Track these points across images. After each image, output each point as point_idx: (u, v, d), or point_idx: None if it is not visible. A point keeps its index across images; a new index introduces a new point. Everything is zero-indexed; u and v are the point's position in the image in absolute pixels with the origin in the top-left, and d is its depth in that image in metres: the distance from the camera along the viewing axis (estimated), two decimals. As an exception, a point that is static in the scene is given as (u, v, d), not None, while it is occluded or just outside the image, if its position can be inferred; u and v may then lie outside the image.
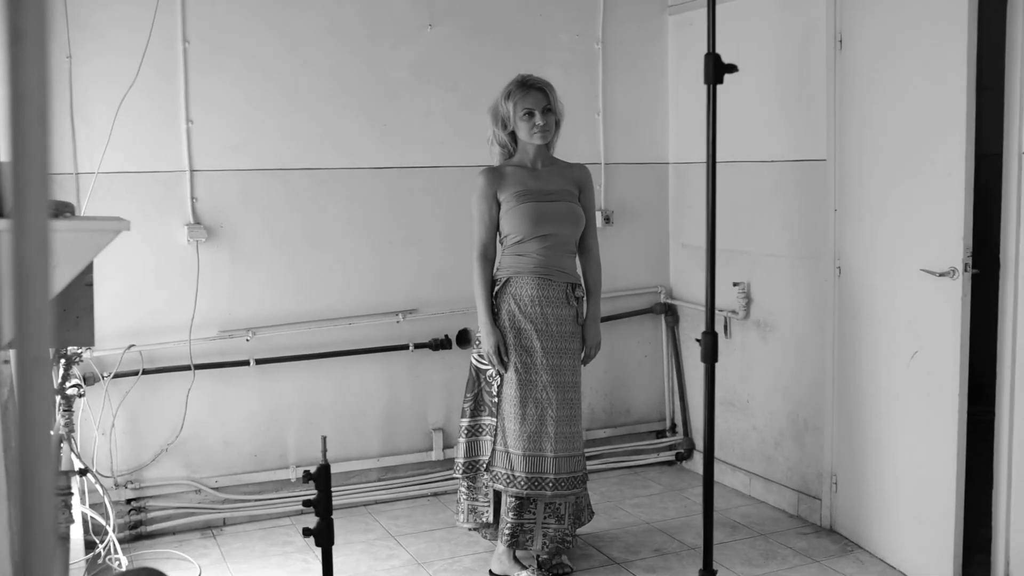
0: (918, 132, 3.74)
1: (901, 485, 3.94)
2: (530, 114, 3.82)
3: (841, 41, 4.15)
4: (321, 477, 2.41)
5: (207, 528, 4.55)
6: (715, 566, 3.96)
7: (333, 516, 4.43)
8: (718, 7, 4.65)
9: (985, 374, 3.67)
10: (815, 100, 4.32)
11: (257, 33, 4.52)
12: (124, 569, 3.82)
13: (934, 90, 3.64)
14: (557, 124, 3.93)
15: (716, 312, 4.87)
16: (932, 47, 3.64)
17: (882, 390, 4.02)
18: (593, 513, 4.16)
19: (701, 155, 4.80)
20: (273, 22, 4.54)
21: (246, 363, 4.58)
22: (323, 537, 2.43)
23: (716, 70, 2.68)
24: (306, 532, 2.47)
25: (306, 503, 2.46)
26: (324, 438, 2.54)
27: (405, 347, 4.85)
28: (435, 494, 4.93)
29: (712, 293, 2.86)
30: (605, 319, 5.08)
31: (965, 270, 3.56)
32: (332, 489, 4.58)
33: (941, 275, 3.61)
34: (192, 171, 4.45)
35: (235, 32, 4.49)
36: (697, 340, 2.81)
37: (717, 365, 4.92)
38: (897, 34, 3.84)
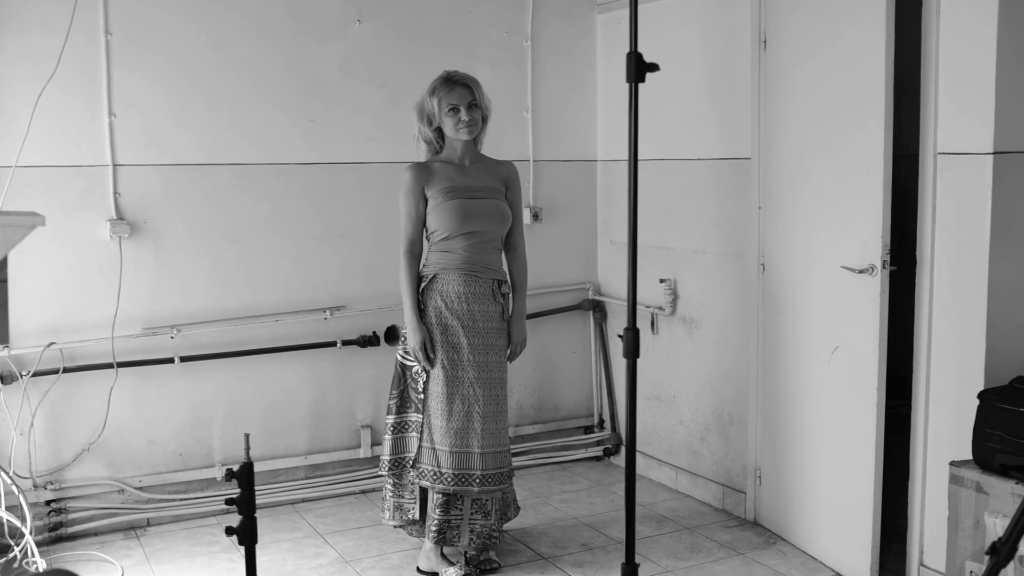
0: (839, 132, 3.82)
1: (822, 478, 4.02)
2: (455, 110, 3.82)
3: (765, 42, 4.22)
4: (244, 475, 2.38)
5: (130, 529, 4.47)
6: (641, 560, 4.01)
7: (259, 515, 4.40)
8: (646, 7, 4.73)
9: (905, 368, 3.76)
10: (740, 99, 4.38)
11: (181, 27, 4.46)
12: (40, 572, 3.74)
13: (854, 91, 3.71)
14: (484, 120, 3.93)
15: (644, 308, 4.97)
16: (852, 49, 3.72)
17: (804, 385, 4.10)
18: (519, 509, 4.18)
19: (628, 152, 4.86)
20: (197, 16, 4.48)
21: (170, 361, 4.51)
22: (246, 536, 2.41)
23: (638, 69, 2.70)
24: (229, 531, 2.44)
25: (229, 501, 2.43)
26: (247, 436, 2.51)
27: (332, 344, 4.82)
28: (363, 491, 4.91)
29: (634, 290, 2.89)
30: (534, 316, 5.11)
31: (883, 267, 3.64)
32: (258, 487, 4.56)
33: (861, 272, 3.69)
34: (115, 166, 4.37)
35: (158, 26, 4.42)
36: (620, 336, 2.84)
37: (644, 361, 5.01)
38: (819, 36, 3.92)
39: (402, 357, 3.94)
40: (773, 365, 4.28)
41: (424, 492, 3.96)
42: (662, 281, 4.87)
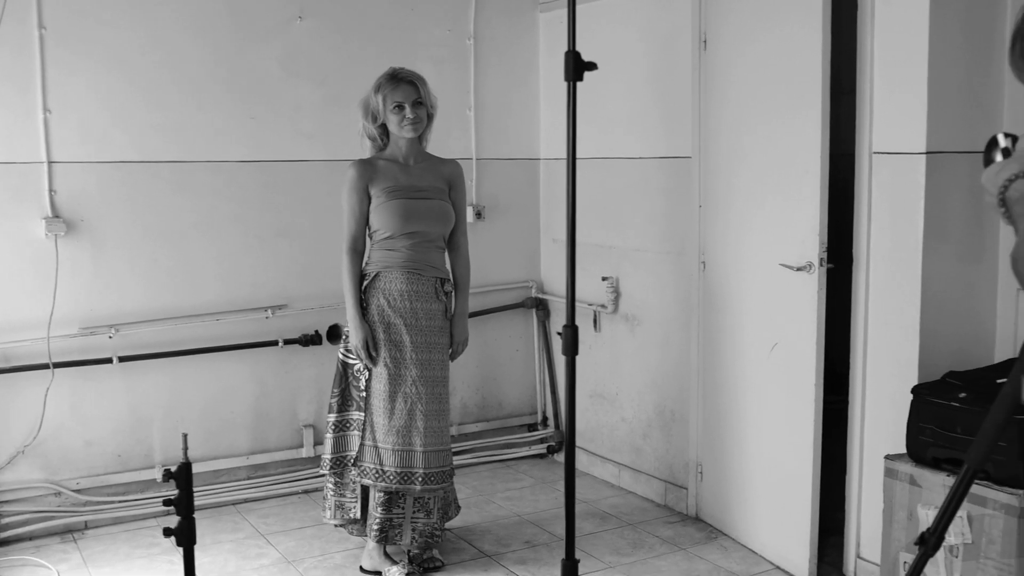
0: (778, 131, 3.87)
1: (762, 473, 4.08)
2: (400, 107, 3.81)
3: (705, 41, 4.26)
4: (182, 475, 2.36)
5: (67, 532, 4.40)
6: (584, 556, 4.04)
7: (200, 516, 4.35)
8: (588, 6, 4.76)
9: (843, 364, 3.82)
10: (681, 99, 4.42)
11: (118, 22, 4.39)
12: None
13: (793, 91, 3.76)
14: (430, 118, 3.92)
15: (586, 306, 4.99)
16: (790, 50, 3.77)
17: (744, 381, 4.15)
18: (460, 507, 4.18)
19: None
20: (135, 11, 4.42)
21: (109, 361, 4.44)
22: (184, 537, 2.38)
23: (576, 68, 2.71)
24: (167, 532, 2.41)
25: (167, 502, 2.41)
26: (185, 435, 2.49)
27: (274, 343, 4.78)
28: (306, 491, 4.88)
29: (572, 287, 2.91)
30: (477, 314, 5.11)
31: (821, 265, 3.69)
32: (199, 488, 4.52)
33: (799, 270, 3.75)
34: (50, 163, 4.30)
35: (95, 19, 4.35)
36: (559, 333, 2.85)
37: (587, 358, 5.04)
38: (758, 36, 3.96)
39: (343, 355, 3.93)
40: (713, 362, 4.33)
41: (365, 491, 3.95)
42: (604, 279, 4.90)
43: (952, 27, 3.46)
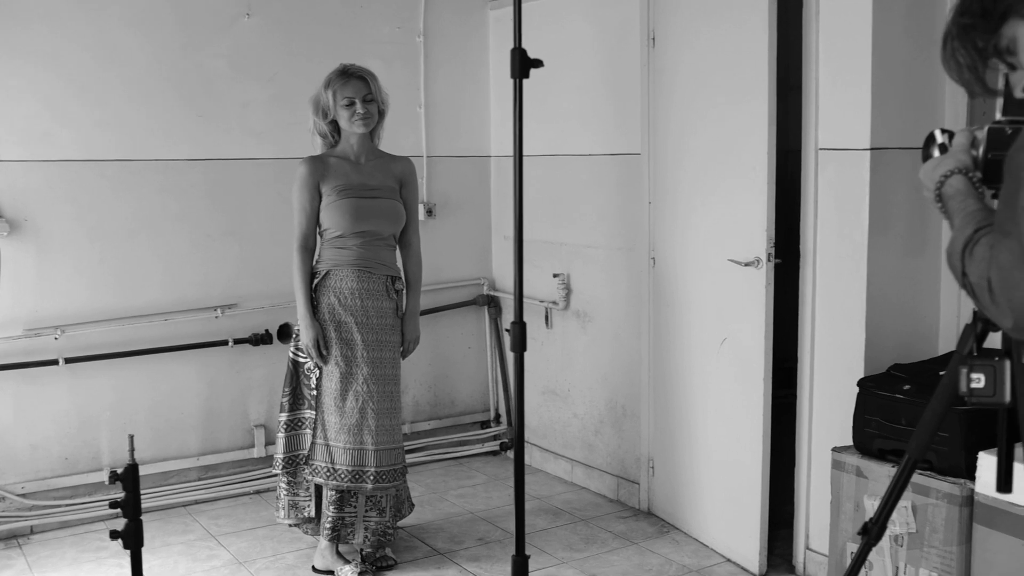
0: (725, 128, 3.90)
1: (712, 467, 4.11)
2: (351, 102, 3.79)
3: (654, 39, 4.29)
4: (129, 477, 2.33)
5: (12, 538, 4.33)
6: (537, 552, 4.06)
7: (150, 518, 4.31)
8: (538, 3, 4.77)
9: (793, 359, 3.86)
10: (630, 95, 4.44)
11: (61, 17, 4.33)
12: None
13: (739, 88, 3.80)
14: (381, 114, 3.91)
15: (538, 303, 5.00)
16: (737, 47, 3.80)
17: (694, 376, 4.18)
18: (413, 505, 4.18)
19: (523, 148, 4.89)
20: (79, 6, 4.36)
21: (55, 362, 4.38)
22: (132, 539, 2.36)
23: (522, 65, 2.72)
24: (113, 535, 2.38)
25: (113, 504, 2.38)
26: (131, 437, 2.46)
27: (224, 343, 4.74)
28: (257, 491, 4.84)
29: (520, 284, 2.92)
30: (429, 311, 5.11)
31: (769, 260, 3.73)
32: (148, 490, 4.48)
33: (747, 265, 3.78)
34: (-8, 161, 4.23)
35: (38, 14, 4.28)
36: (507, 330, 2.86)
37: (539, 355, 5.05)
38: (705, 34, 3.99)
39: (294, 354, 3.90)
40: (664, 357, 4.36)
41: (319, 489, 3.93)
42: (555, 276, 4.92)
43: (895, 25, 3.51)
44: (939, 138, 1.90)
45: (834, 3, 3.57)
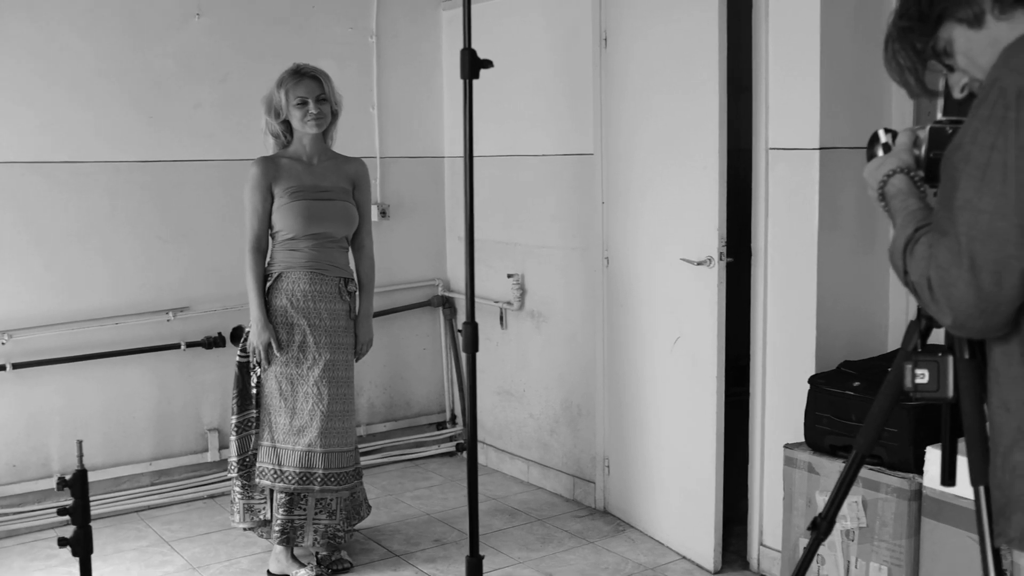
0: (677, 128, 3.93)
1: (667, 465, 4.14)
2: (303, 103, 3.77)
3: (606, 39, 4.30)
4: (77, 483, 2.30)
5: (-40, 545, 4.27)
6: (494, 552, 4.06)
7: (102, 524, 4.26)
8: (491, 3, 4.77)
9: (747, 357, 3.89)
10: (584, 96, 4.46)
11: (5, 16, 4.26)
12: None
13: (691, 88, 3.82)
14: (334, 115, 3.89)
15: (492, 303, 5.01)
16: (688, 48, 3.83)
17: (648, 375, 4.20)
18: (370, 508, 4.16)
19: (477, 149, 4.88)
20: (23, 5, 4.29)
21: (2, 368, 4.31)
22: (81, 546, 2.33)
23: (472, 65, 2.72)
24: (61, 542, 2.35)
25: (61, 511, 2.35)
26: (80, 442, 2.43)
27: (176, 346, 4.69)
28: (212, 496, 4.80)
29: (472, 285, 2.92)
30: (384, 313, 5.10)
31: (720, 259, 3.76)
32: (100, 496, 4.42)
33: (699, 264, 3.81)
34: (-64, 164, 4.16)
35: (-18, 16, 4.22)
36: (458, 331, 2.86)
37: (494, 355, 5.05)
38: (656, 34, 4.02)
39: (240, 356, 3.87)
40: (618, 356, 4.38)
41: (272, 492, 3.90)
42: (510, 276, 4.92)
43: (842, 26, 3.55)
44: (883, 138, 1.93)
45: (783, 4, 3.60)
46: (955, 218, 1.49)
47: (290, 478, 3.79)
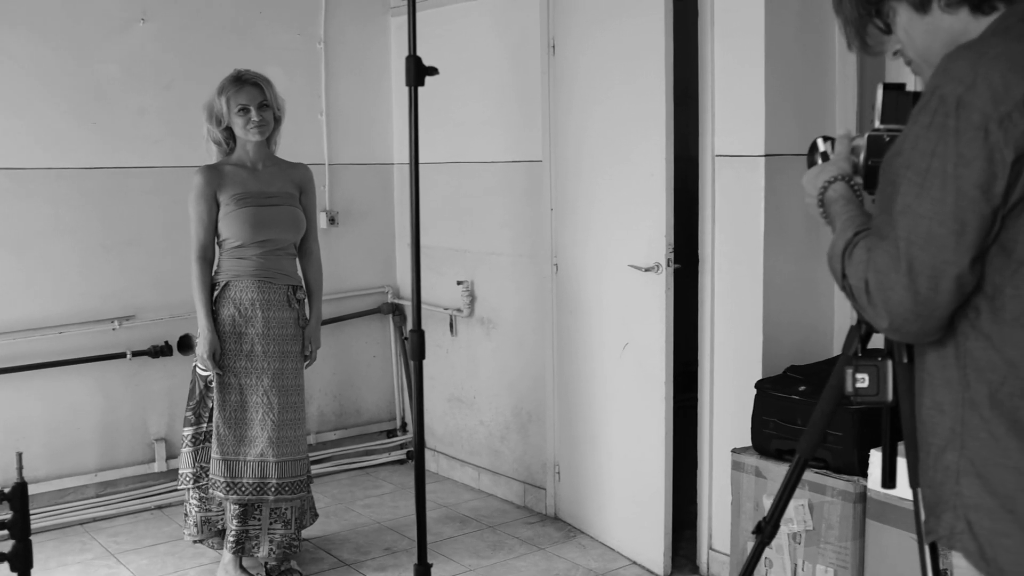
0: (624, 136, 3.95)
1: (617, 471, 4.15)
2: (245, 110, 3.74)
3: (554, 47, 4.32)
4: (16, 496, 2.26)
5: (-102, 560, 4.17)
6: (444, 560, 4.05)
7: (45, 538, 4.19)
8: (441, 10, 4.77)
9: (696, 362, 3.91)
10: (532, 103, 4.47)
11: (-54, 22, 4.19)
12: None
13: (638, 97, 3.85)
14: (277, 121, 3.86)
15: (442, 310, 5.00)
16: (635, 56, 3.85)
17: (598, 381, 4.22)
18: (316, 515, 4.12)
19: (426, 155, 4.88)
20: (-36, 11, 4.23)
21: (-59, 379, 4.24)
22: (20, 561, 2.28)
23: (417, 72, 2.72)
24: (0, 557, 2.30)
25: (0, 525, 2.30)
26: (19, 455, 2.38)
27: (122, 355, 4.63)
28: (159, 507, 4.73)
29: (418, 292, 2.92)
30: (333, 320, 5.07)
31: (668, 265, 3.79)
32: (43, 509, 4.35)
33: (647, 270, 3.83)
34: None
35: (-80, 21, 4.14)
36: (405, 339, 2.85)
37: (444, 362, 5.04)
38: (603, 42, 4.04)
39: (199, 368, 3.83)
40: (568, 363, 4.39)
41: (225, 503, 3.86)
42: (460, 283, 4.92)
43: (787, 34, 3.60)
44: (821, 146, 1.96)
45: (728, 12, 3.64)
46: (895, 223, 1.51)
47: (244, 489, 3.75)
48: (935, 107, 1.49)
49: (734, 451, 3.52)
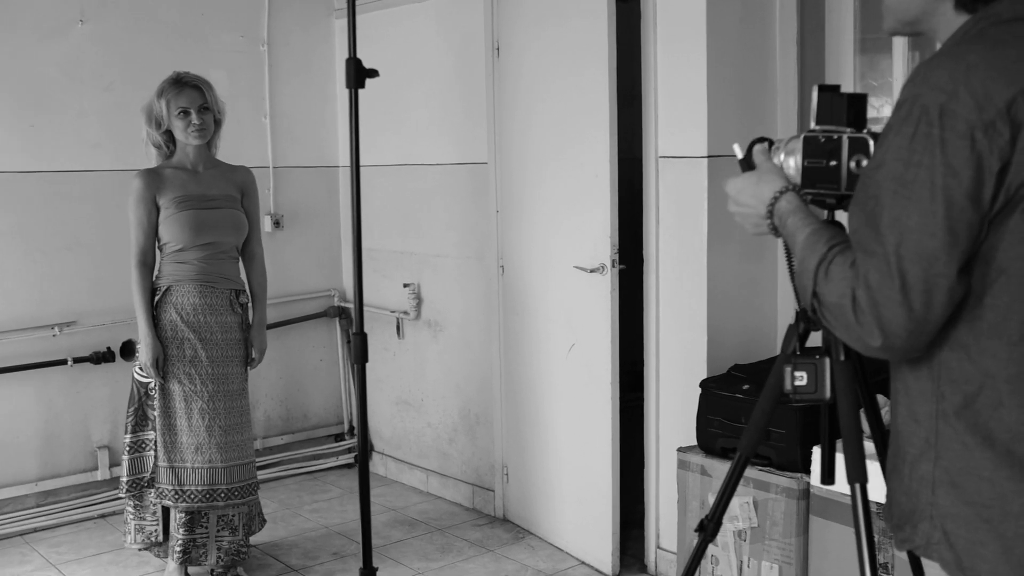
0: (569, 137, 3.97)
1: (565, 471, 4.16)
2: (185, 113, 3.70)
3: (498, 49, 4.32)
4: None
5: None
6: (393, 564, 4.04)
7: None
8: (387, 12, 4.76)
9: (643, 362, 3.93)
10: (477, 105, 4.47)
11: None
12: None
13: (582, 98, 3.86)
14: (218, 124, 3.82)
15: (389, 313, 4.98)
16: (579, 56, 3.87)
17: (545, 382, 4.23)
18: (264, 521, 4.09)
19: (372, 158, 4.87)
20: None
21: None
22: (-45, 572, 2.24)
23: (357, 75, 2.71)
24: (-65, 568, 2.26)
25: (-66, 536, 2.26)
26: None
27: (63, 362, 4.55)
28: (102, 516, 4.66)
29: (360, 295, 2.92)
30: (279, 324, 5.03)
31: (613, 266, 3.80)
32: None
33: (592, 271, 3.85)
34: None
35: None
36: (348, 342, 2.84)
37: (391, 365, 5.03)
38: (547, 44, 4.05)
39: (138, 374, 3.78)
40: (515, 364, 4.40)
41: (167, 512, 3.81)
42: (406, 285, 4.90)
43: (728, 37, 3.63)
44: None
45: (670, 16, 3.67)
46: (882, 237, 1.47)
47: (192, 496, 3.71)
48: (918, 117, 1.45)
49: (680, 450, 3.55)
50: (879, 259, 1.46)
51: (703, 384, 3.52)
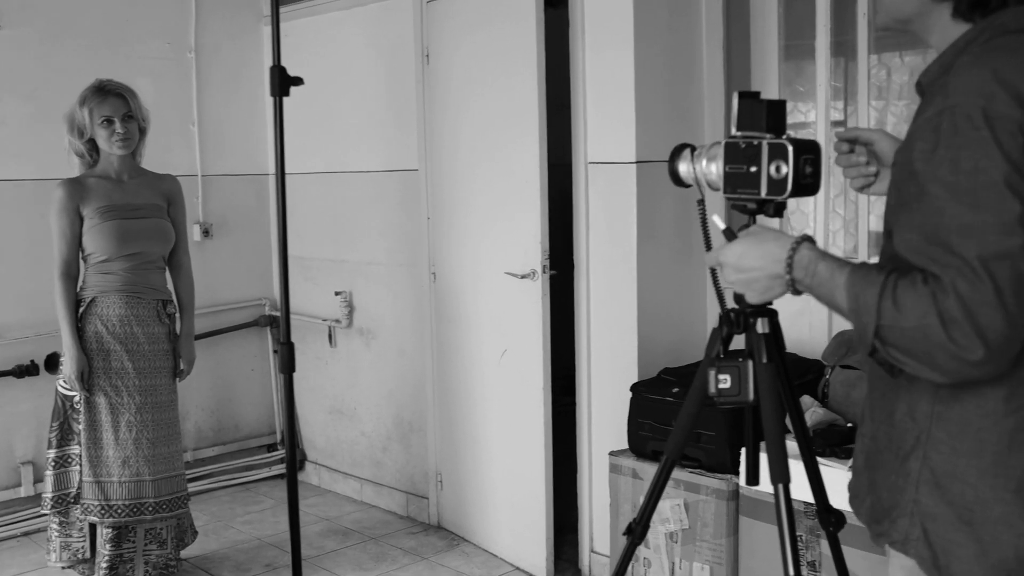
0: (499, 143, 3.97)
1: (498, 477, 4.16)
2: (109, 121, 3.64)
3: (428, 56, 4.32)
4: None
5: None
6: (326, 574, 4.00)
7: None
8: (313, 19, 4.72)
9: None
10: (407, 112, 4.46)
11: None
12: None
13: (511, 106, 3.87)
14: (142, 132, 3.77)
15: (321, 322, 4.95)
16: (508, 63, 3.88)
17: (478, 388, 4.22)
18: (196, 533, 4.03)
19: (302, 166, 4.84)
20: None
21: None
22: None
23: (283, 82, 2.70)
24: None
25: None
26: None
27: (-16, 376, 4.45)
28: (26, 533, 4.55)
29: (287, 303, 2.89)
30: (209, 334, 4.96)
31: (544, 272, 3.82)
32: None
33: (523, 277, 3.86)
34: None
35: None
36: (275, 351, 2.82)
37: (324, 374, 4.99)
38: (477, 50, 4.06)
39: (61, 387, 3.71)
40: (448, 371, 4.39)
41: (93, 527, 3.74)
42: (338, 293, 4.87)
43: (655, 43, 3.67)
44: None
45: (597, 22, 3.69)
46: (958, 247, 1.41)
47: (119, 511, 3.64)
48: (962, 125, 1.42)
49: (611, 454, 3.57)
50: (962, 267, 1.40)
51: (633, 388, 3.55)
